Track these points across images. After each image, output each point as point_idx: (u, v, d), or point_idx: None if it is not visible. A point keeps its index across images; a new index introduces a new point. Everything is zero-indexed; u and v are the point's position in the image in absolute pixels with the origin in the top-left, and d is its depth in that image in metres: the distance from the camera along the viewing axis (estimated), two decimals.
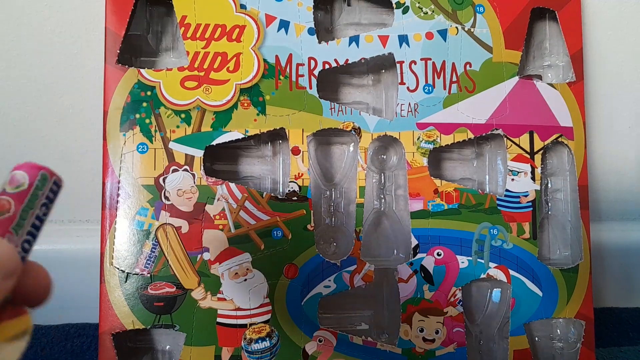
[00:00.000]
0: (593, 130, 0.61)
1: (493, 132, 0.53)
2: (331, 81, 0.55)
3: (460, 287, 0.52)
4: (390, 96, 0.55)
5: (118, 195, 0.48)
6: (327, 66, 0.51)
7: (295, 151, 0.50)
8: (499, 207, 0.53)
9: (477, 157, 0.57)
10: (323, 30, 0.55)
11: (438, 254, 0.52)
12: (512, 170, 0.53)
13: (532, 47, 0.57)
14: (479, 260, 0.52)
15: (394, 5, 0.53)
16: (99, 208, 0.49)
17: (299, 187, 0.50)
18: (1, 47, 0.54)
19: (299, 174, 0.50)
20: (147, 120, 0.49)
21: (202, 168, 0.49)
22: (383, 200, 0.55)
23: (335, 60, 0.51)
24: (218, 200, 0.49)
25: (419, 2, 0.53)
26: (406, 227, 0.52)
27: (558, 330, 0.55)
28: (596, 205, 0.63)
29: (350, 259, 0.51)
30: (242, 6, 0.51)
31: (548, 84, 0.54)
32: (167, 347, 0.51)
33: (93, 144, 0.56)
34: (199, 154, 0.49)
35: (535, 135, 0.53)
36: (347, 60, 0.52)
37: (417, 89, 0.52)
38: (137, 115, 0.49)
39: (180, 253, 0.48)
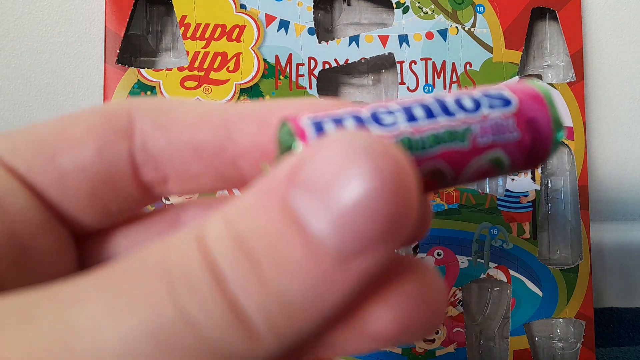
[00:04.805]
0: (593, 130, 0.61)
1: None
2: (331, 81, 0.55)
3: (460, 287, 0.52)
4: (391, 96, 0.55)
5: None
6: (327, 66, 0.51)
7: None
8: (499, 207, 0.53)
9: None
10: (323, 30, 0.55)
11: (438, 254, 0.52)
12: None
13: (532, 47, 0.57)
14: (479, 260, 0.52)
15: (394, 5, 0.53)
16: None
17: None
18: (0, 47, 0.54)
19: None
20: None
21: None
22: None
23: (335, 60, 0.51)
24: None
25: (419, 2, 0.53)
26: None
27: (558, 330, 0.55)
28: (596, 205, 0.63)
29: None
30: (242, 6, 0.50)
31: (548, 83, 0.54)
32: None
33: None
34: None
35: None
36: (347, 60, 0.52)
37: (417, 88, 0.52)
38: None
39: None
